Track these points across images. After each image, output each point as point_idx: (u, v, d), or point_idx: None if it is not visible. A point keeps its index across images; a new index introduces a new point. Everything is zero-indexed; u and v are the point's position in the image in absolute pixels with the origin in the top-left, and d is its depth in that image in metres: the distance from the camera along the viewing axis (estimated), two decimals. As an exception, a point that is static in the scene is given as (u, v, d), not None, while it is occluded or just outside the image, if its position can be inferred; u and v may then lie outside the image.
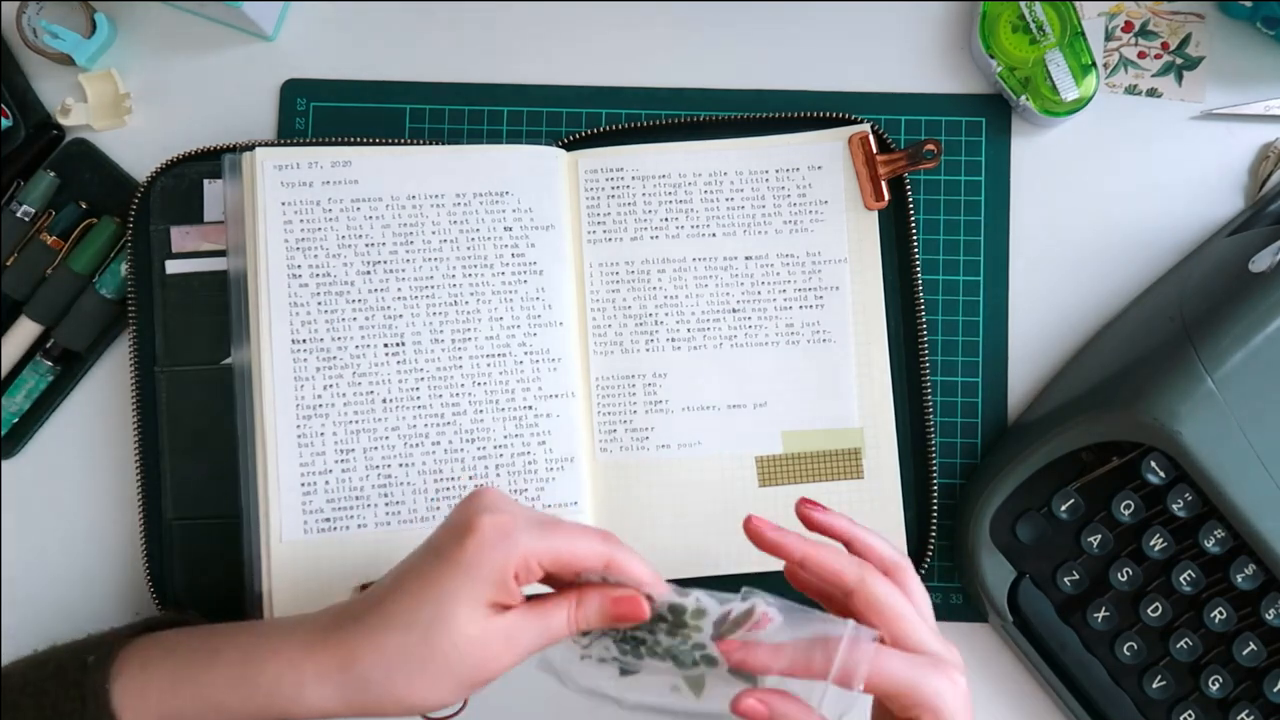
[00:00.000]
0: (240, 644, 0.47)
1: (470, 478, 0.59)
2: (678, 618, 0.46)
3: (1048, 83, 0.61)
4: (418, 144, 0.62)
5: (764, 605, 0.45)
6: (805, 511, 0.50)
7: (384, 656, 0.44)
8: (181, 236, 0.61)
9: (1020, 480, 0.57)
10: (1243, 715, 0.56)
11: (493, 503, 0.46)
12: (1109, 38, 0.64)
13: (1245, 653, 0.55)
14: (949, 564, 0.61)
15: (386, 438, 0.59)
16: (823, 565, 0.47)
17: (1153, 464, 0.55)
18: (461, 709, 0.55)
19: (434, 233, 0.60)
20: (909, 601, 0.47)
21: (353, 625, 0.45)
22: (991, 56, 0.62)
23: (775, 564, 0.60)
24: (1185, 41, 0.64)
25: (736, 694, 0.45)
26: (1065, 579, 0.57)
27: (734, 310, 0.61)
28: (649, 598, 0.46)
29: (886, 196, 0.61)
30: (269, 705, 0.46)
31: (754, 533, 0.48)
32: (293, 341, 0.59)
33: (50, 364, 0.62)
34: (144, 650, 0.48)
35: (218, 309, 0.60)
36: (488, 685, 0.46)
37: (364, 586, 0.58)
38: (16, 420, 0.62)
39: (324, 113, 0.64)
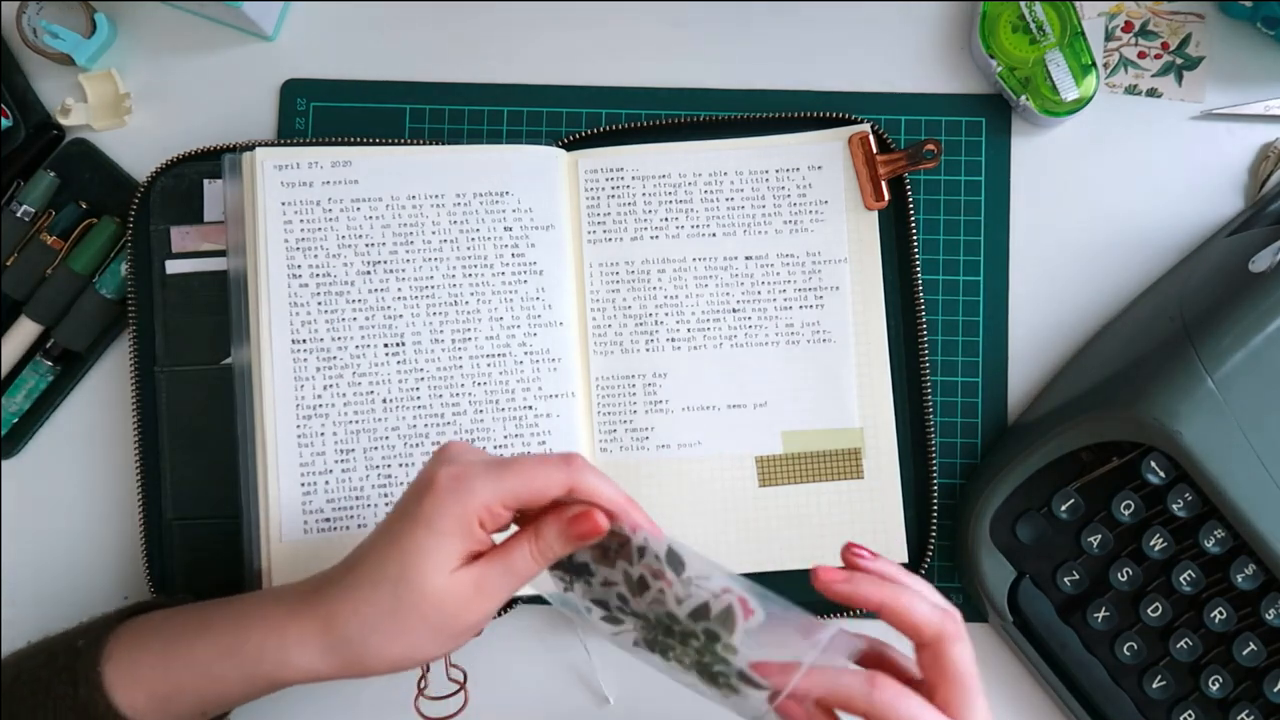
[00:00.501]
0: (229, 614, 0.48)
1: (470, 478, 0.59)
2: (654, 581, 0.45)
3: (1048, 83, 0.61)
4: (418, 144, 0.62)
5: (745, 604, 0.44)
6: (853, 560, 0.46)
7: (359, 615, 0.45)
8: (181, 236, 0.61)
9: (1020, 480, 0.57)
10: (1243, 715, 0.56)
11: (452, 454, 0.46)
12: (1109, 38, 0.64)
13: (1245, 653, 0.55)
14: (949, 564, 0.61)
15: (386, 438, 0.59)
16: (900, 615, 0.44)
17: (1153, 464, 0.55)
18: (463, 707, 0.56)
19: (434, 233, 0.60)
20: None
21: (329, 588, 0.46)
22: (991, 56, 0.62)
23: (774, 565, 0.60)
24: (1185, 41, 0.64)
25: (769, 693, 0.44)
26: (1065, 579, 0.57)
27: (734, 310, 0.61)
28: (615, 527, 0.45)
29: (886, 196, 0.61)
30: (257, 671, 0.46)
31: (824, 586, 0.45)
32: (293, 341, 0.59)
33: (50, 364, 0.62)
34: (134, 630, 0.49)
35: (218, 309, 0.60)
36: (473, 638, 0.48)
37: None
38: (16, 420, 0.62)
39: (324, 113, 0.64)
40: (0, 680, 0.48)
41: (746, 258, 0.62)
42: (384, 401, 0.59)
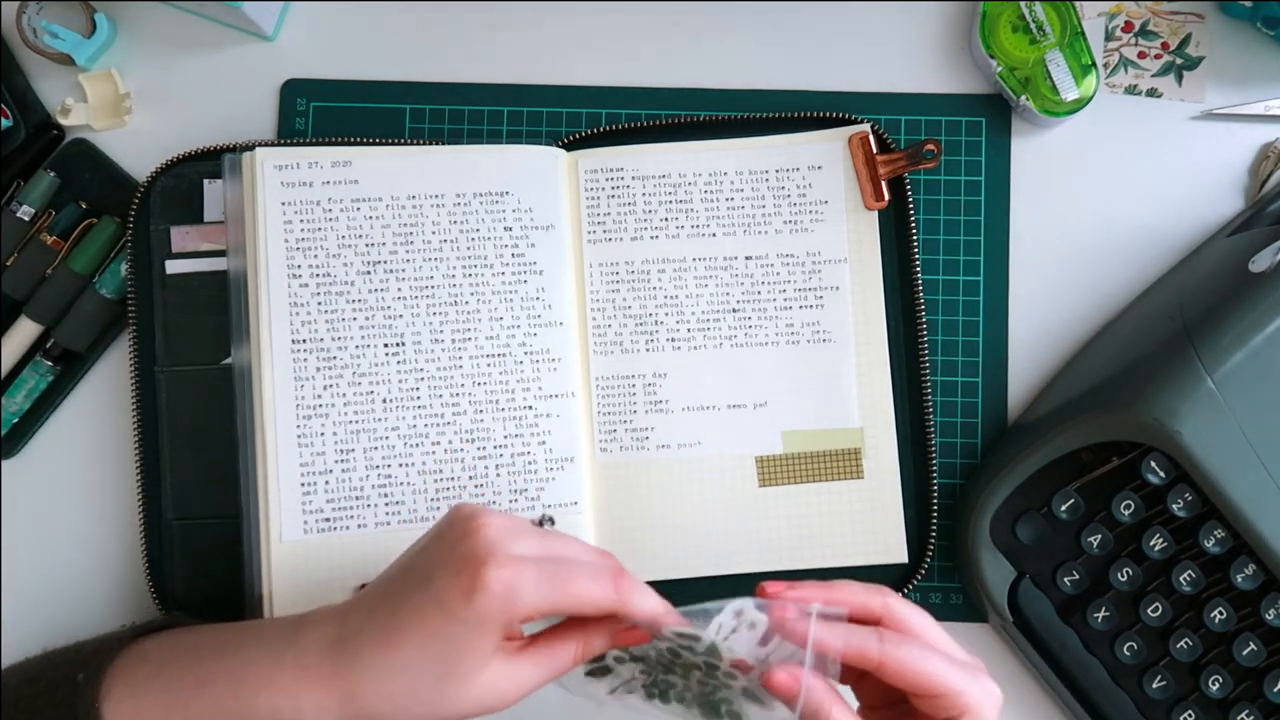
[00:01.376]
0: (228, 671, 0.46)
1: (470, 478, 0.59)
2: (709, 657, 0.45)
3: (1048, 83, 0.61)
4: (418, 144, 0.62)
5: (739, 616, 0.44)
6: (772, 592, 0.47)
7: (392, 699, 0.44)
8: (181, 236, 0.61)
9: (1020, 480, 0.57)
10: (1243, 715, 0.56)
11: (497, 545, 0.44)
12: (1109, 38, 0.64)
13: (1245, 653, 0.55)
14: (949, 564, 0.61)
15: (386, 438, 0.59)
16: (849, 600, 0.46)
17: (1153, 464, 0.55)
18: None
19: (434, 233, 0.60)
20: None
21: (352, 662, 0.45)
22: (991, 56, 0.62)
23: (774, 565, 0.60)
24: (1185, 41, 0.64)
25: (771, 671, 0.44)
26: (1065, 579, 0.57)
27: (734, 310, 0.61)
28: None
29: (886, 196, 0.61)
30: None
31: (774, 598, 0.47)
32: (293, 341, 0.59)
33: (50, 364, 0.62)
34: (131, 669, 0.47)
35: (218, 309, 0.60)
36: None
37: (364, 587, 0.58)
38: (16, 420, 0.62)
39: (324, 113, 0.64)
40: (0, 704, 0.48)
41: (746, 258, 0.62)
42: (384, 401, 0.59)
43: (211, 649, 0.48)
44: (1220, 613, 0.55)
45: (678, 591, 0.59)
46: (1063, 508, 0.57)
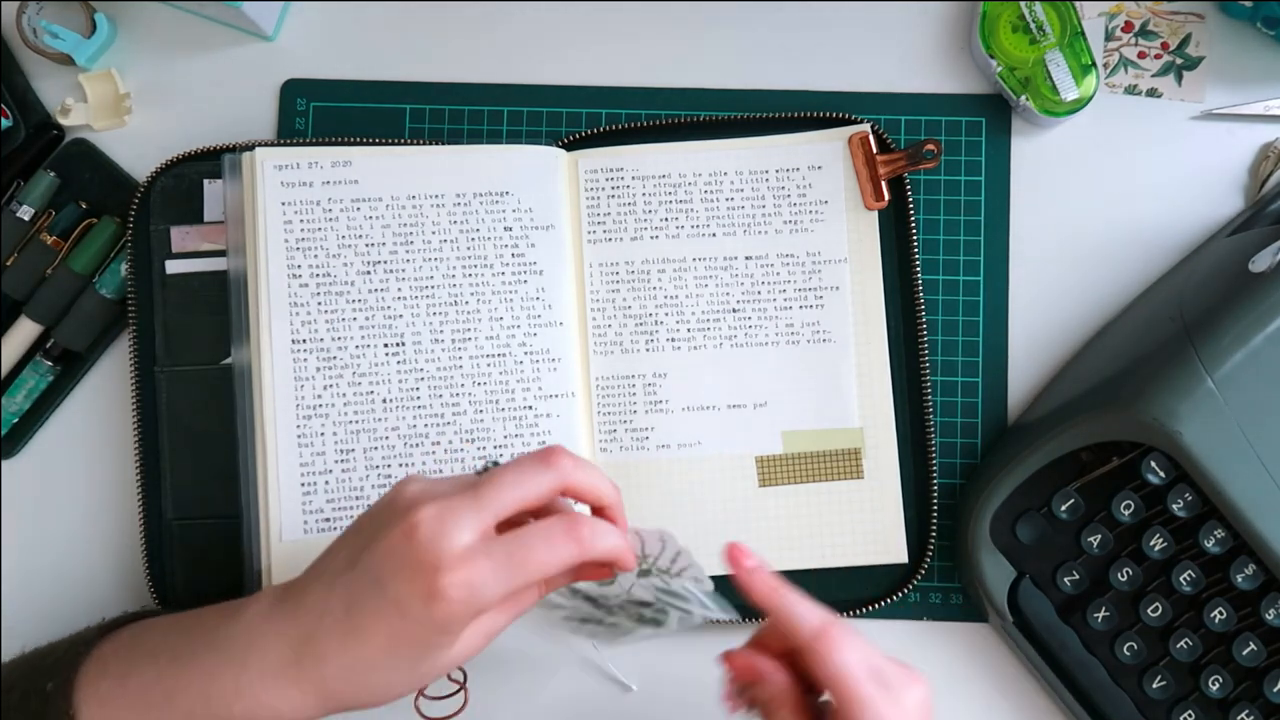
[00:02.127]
0: (191, 684, 0.45)
1: (470, 478, 0.59)
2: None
3: (1048, 83, 0.61)
4: (418, 144, 0.62)
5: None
6: (735, 555, 0.47)
7: (368, 689, 0.45)
8: (181, 236, 0.61)
9: (1020, 480, 0.57)
10: (1243, 715, 0.56)
11: (443, 546, 0.43)
12: (1109, 38, 0.64)
13: (1245, 653, 0.55)
14: (949, 564, 0.61)
15: (386, 438, 0.59)
16: (783, 612, 0.45)
17: (1153, 464, 0.55)
18: (462, 708, 0.56)
19: (434, 233, 0.60)
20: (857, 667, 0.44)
21: (318, 663, 0.44)
22: (991, 56, 0.62)
23: (773, 565, 0.60)
24: (1185, 41, 0.64)
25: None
26: (1065, 579, 0.57)
27: (734, 310, 0.61)
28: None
29: (886, 196, 0.61)
30: None
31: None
32: (293, 341, 0.59)
33: (50, 364, 0.62)
34: (94, 680, 0.47)
35: (218, 309, 0.60)
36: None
37: None
38: (16, 420, 0.62)
39: (324, 113, 0.64)
40: None
41: (746, 258, 0.62)
42: (384, 401, 0.59)
43: (168, 658, 0.47)
44: (1220, 613, 0.55)
45: (678, 591, 0.59)
46: (1063, 508, 0.57)
